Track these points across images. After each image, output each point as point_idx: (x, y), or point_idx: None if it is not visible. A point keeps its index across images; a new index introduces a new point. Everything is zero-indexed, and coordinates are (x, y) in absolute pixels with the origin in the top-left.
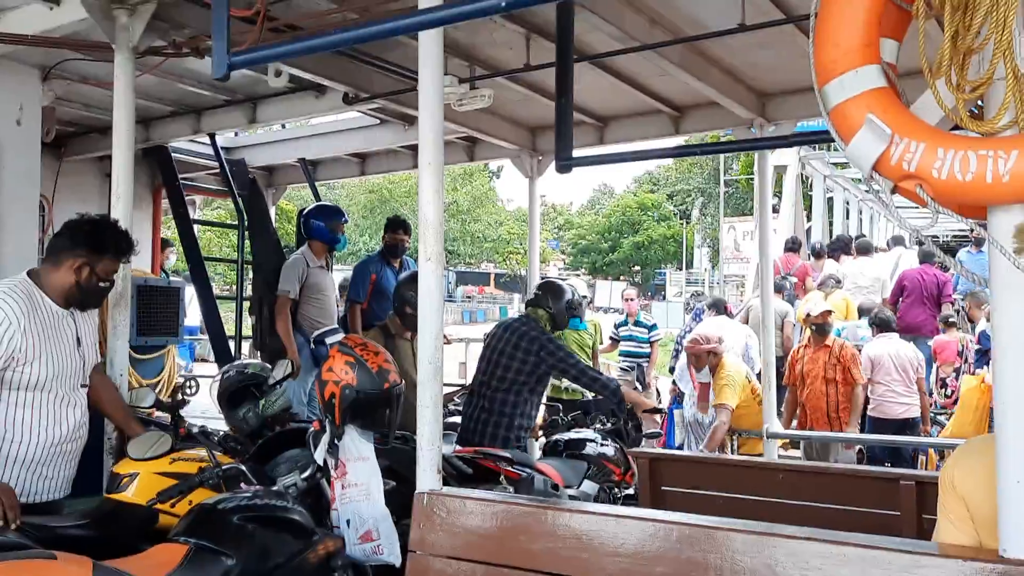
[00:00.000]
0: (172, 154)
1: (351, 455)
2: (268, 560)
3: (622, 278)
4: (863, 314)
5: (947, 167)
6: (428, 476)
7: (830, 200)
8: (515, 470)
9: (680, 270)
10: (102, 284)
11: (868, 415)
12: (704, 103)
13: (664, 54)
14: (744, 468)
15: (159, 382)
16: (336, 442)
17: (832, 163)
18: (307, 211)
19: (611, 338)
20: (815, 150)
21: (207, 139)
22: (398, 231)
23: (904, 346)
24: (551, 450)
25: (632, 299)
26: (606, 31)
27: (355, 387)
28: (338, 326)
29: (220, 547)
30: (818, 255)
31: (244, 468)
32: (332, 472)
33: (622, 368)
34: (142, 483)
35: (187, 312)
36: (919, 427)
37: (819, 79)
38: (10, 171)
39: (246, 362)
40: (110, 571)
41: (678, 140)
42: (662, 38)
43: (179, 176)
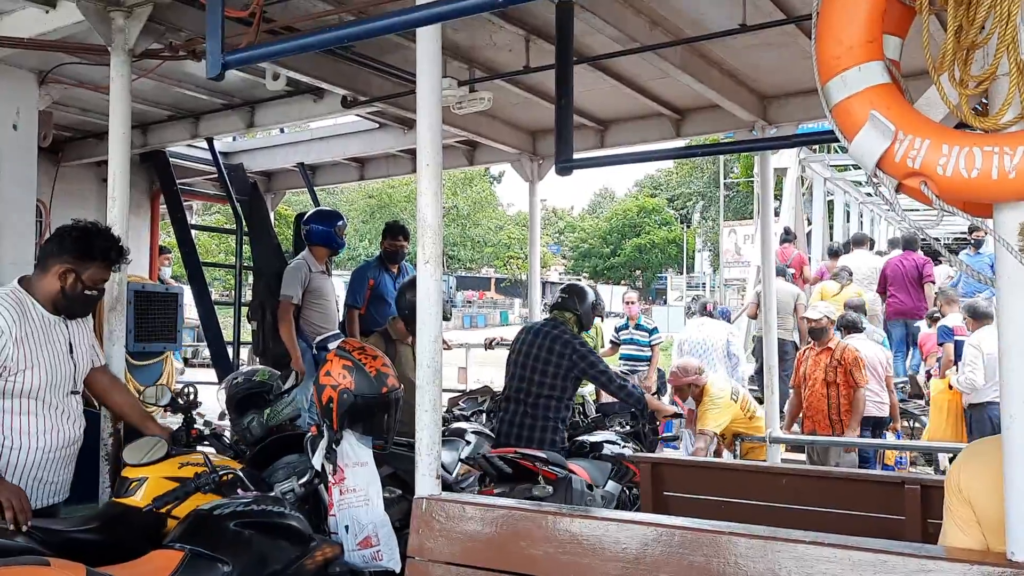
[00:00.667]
0: (170, 159)
1: (349, 460)
2: (265, 567)
3: (623, 282)
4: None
5: (952, 164)
6: (427, 481)
7: (831, 203)
8: (552, 470)
9: (681, 274)
10: (88, 292)
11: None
12: (705, 105)
13: (665, 56)
14: (747, 473)
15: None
16: (334, 447)
17: (832, 165)
18: (307, 216)
19: (612, 342)
20: (815, 152)
21: (205, 144)
22: (397, 237)
23: (873, 346)
24: (577, 451)
25: (633, 303)
26: (606, 33)
27: (353, 391)
28: (340, 332)
29: (216, 554)
30: (835, 254)
31: (241, 473)
32: (330, 478)
33: (623, 371)
34: (150, 487)
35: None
36: (888, 425)
37: (821, 76)
38: (7, 176)
39: (255, 368)
40: None
41: (679, 143)
42: (663, 40)
43: (177, 181)
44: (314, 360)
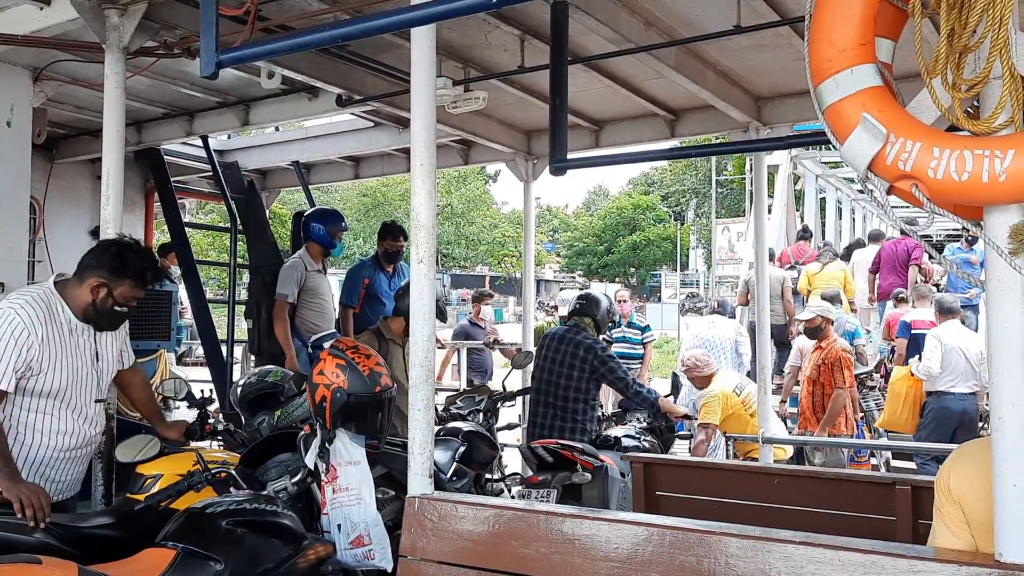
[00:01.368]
0: (164, 156)
1: (342, 459)
2: (257, 565)
3: (617, 279)
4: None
5: (943, 167)
6: (419, 480)
7: (822, 200)
8: (589, 460)
9: (675, 271)
10: (118, 308)
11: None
12: (700, 106)
13: (659, 56)
14: (739, 473)
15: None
16: (327, 446)
17: (824, 162)
18: (308, 213)
19: (604, 340)
20: (807, 150)
21: (200, 141)
22: (398, 238)
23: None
24: (602, 443)
25: (625, 301)
26: (601, 33)
27: (346, 390)
28: (335, 331)
29: (208, 552)
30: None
31: (234, 472)
32: (323, 476)
33: None
34: (164, 484)
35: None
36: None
37: (814, 78)
38: (0, 173)
39: (268, 368)
40: None
41: (673, 143)
42: (657, 40)
43: (171, 179)
44: (309, 359)
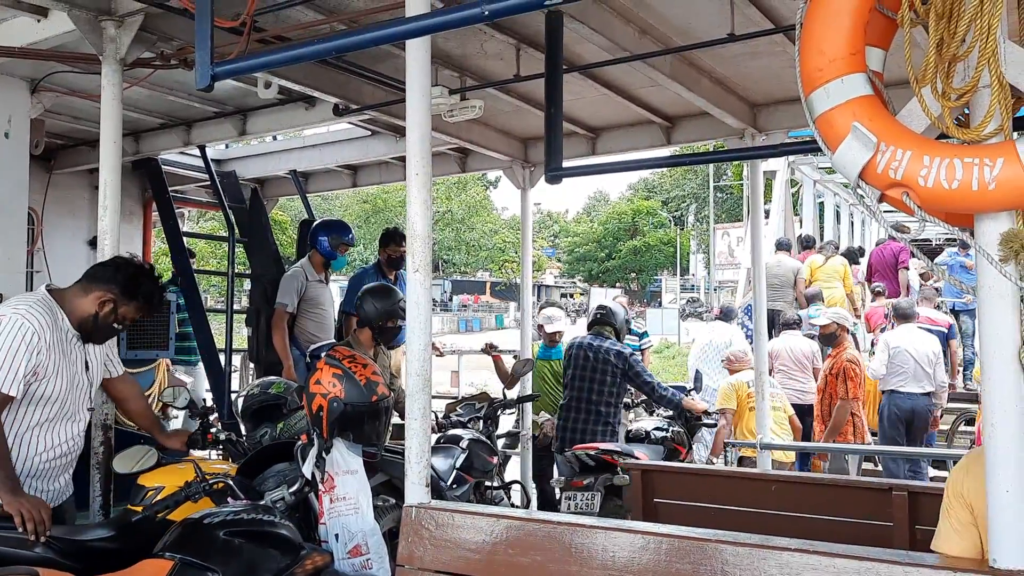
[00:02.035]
0: (162, 166)
1: (339, 468)
2: (255, 575)
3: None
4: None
5: (933, 175)
6: (416, 489)
7: (821, 205)
8: (628, 462)
9: (675, 276)
10: (116, 326)
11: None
12: (695, 113)
13: (654, 64)
14: (737, 479)
15: (149, 395)
16: (324, 455)
17: (822, 168)
18: (315, 224)
19: None
20: (805, 156)
21: (197, 151)
22: (401, 244)
23: (800, 341)
24: (635, 437)
25: (623, 305)
26: (596, 42)
27: (343, 399)
28: (335, 341)
29: (206, 563)
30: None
31: (232, 482)
32: (320, 486)
33: None
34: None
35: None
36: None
37: (805, 88)
38: None
39: (271, 380)
40: None
41: (670, 150)
42: (652, 48)
43: (169, 188)
44: (307, 369)
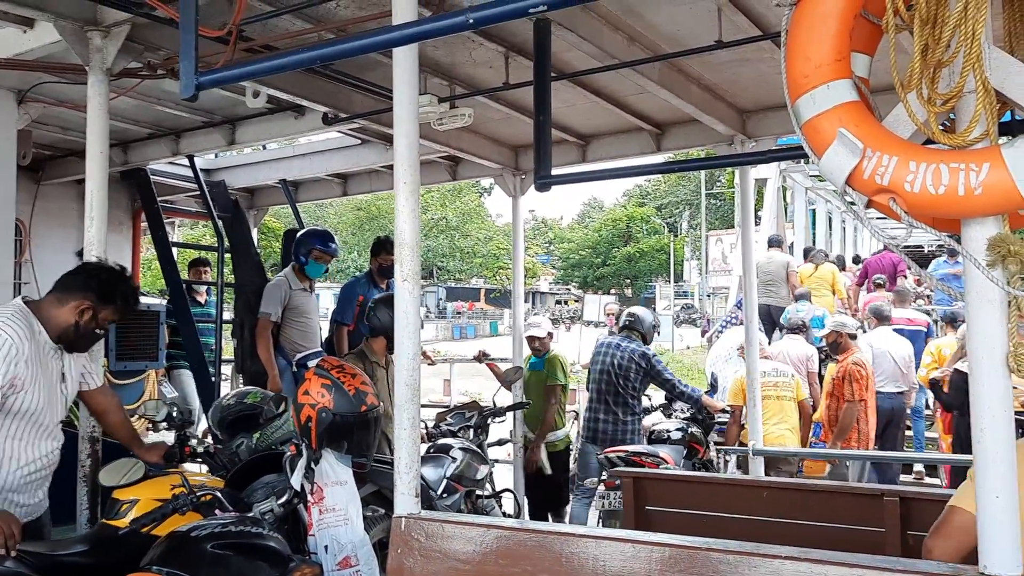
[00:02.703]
0: (151, 176)
1: (328, 479)
2: None
3: (613, 291)
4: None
5: (920, 180)
6: (406, 500)
7: (812, 212)
8: (655, 461)
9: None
10: (98, 331)
11: None
12: (685, 120)
13: (643, 72)
14: (729, 486)
15: (138, 407)
16: (313, 466)
17: (813, 175)
18: (300, 233)
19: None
20: (796, 163)
21: (186, 161)
22: (392, 252)
23: (800, 345)
24: (657, 438)
25: (614, 313)
26: (584, 49)
27: (332, 410)
28: (321, 349)
29: None
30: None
31: (220, 494)
32: (309, 497)
33: None
34: (140, 510)
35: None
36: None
37: (791, 94)
38: None
39: (247, 390)
40: None
41: (660, 157)
42: (641, 56)
43: (158, 198)
44: (294, 378)
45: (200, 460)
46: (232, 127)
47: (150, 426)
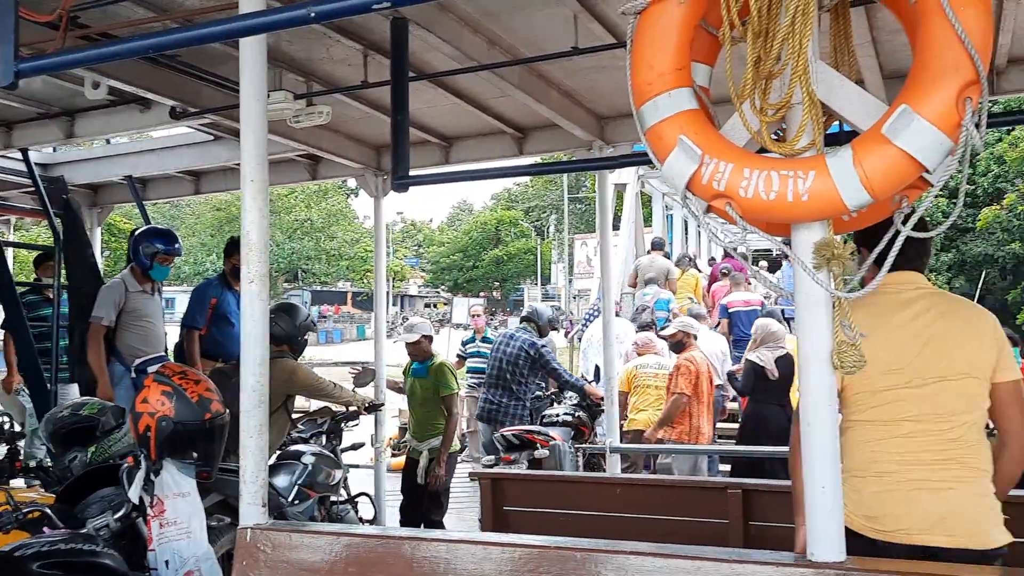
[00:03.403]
0: None
1: (170, 491)
2: None
3: (482, 294)
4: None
5: (753, 187)
6: (252, 510)
7: (670, 217)
8: (546, 439)
9: (537, 285)
10: None
11: None
12: (546, 125)
13: (504, 75)
14: (584, 484)
15: None
16: (153, 478)
17: None
18: (138, 232)
19: (459, 355)
20: (652, 168)
21: (19, 154)
22: None
23: (715, 340)
24: (549, 422)
25: (479, 316)
26: (444, 51)
27: (172, 418)
28: (164, 354)
29: None
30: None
31: (49, 510)
32: (149, 511)
33: (470, 385)
34: None
35: None
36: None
37: (636, 100)
38: None
39: (83, 400)
40: None
41: (525, 160)
42: (500, 59)
43: None
44: (134, 384)
45: (32, 475)
46: (71, 119)
47: None
